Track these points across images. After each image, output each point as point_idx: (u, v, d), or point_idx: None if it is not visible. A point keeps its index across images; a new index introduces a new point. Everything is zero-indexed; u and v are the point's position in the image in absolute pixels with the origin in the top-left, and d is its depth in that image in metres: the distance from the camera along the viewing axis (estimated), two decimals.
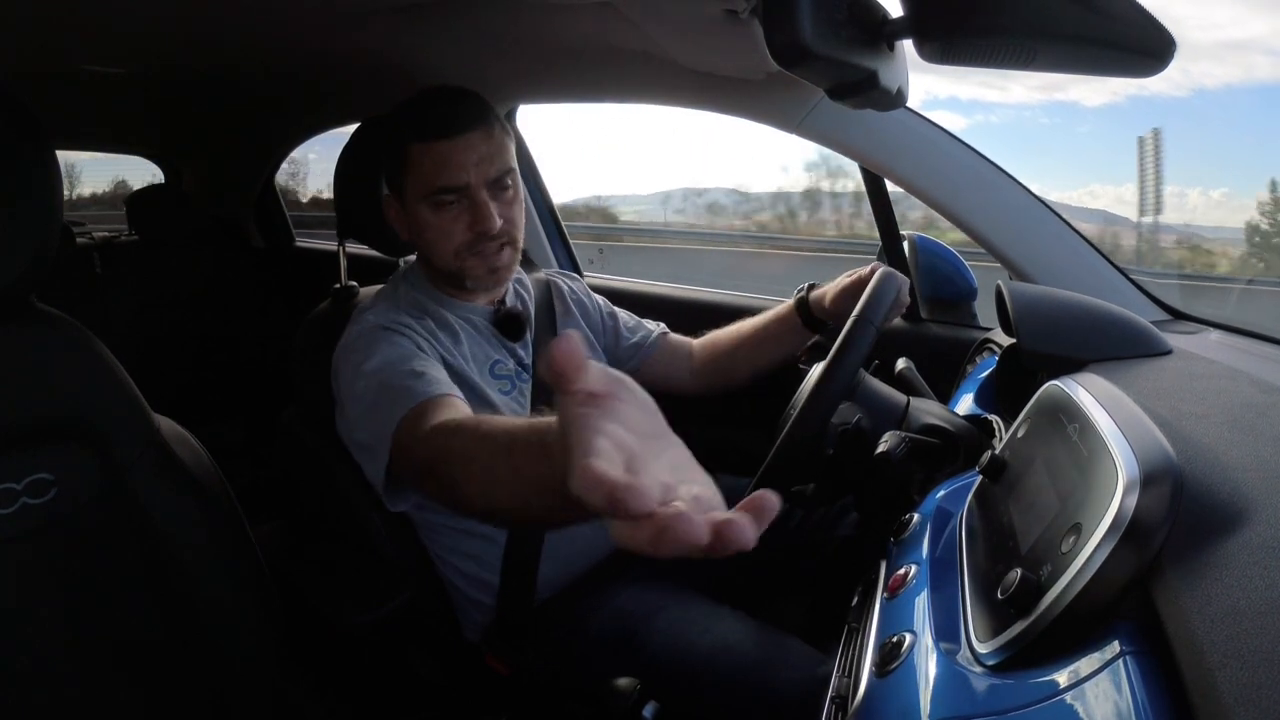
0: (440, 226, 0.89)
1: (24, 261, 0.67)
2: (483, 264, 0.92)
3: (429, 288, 0.97)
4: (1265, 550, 0.38)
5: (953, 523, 0.62)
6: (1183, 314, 1.08)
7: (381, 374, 0.81)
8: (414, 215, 0.91)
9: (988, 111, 6.91)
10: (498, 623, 0.95)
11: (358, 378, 0.82)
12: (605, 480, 0.27)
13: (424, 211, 0.89)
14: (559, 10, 0.97)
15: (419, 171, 0.88)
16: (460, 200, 0.88)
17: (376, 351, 0.84)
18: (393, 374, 0.80)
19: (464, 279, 0.93)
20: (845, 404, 0.78)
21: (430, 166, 0.87)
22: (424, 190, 0.88)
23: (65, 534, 0.71)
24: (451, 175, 0.87)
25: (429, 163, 0.87)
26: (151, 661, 0.74)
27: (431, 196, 0.88)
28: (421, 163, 0.87)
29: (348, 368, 0.85)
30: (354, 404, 0.82)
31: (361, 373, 0.82)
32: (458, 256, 0.91)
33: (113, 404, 0.75)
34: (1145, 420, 0.51)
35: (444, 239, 0.90)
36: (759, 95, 1.13)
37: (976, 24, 0.55)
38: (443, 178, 0.87)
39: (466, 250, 0.90)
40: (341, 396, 0.86)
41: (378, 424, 0.76)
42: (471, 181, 0.88)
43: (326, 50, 1.24)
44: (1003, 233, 1.10)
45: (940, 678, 0.46)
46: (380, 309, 0.90)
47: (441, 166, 0.87)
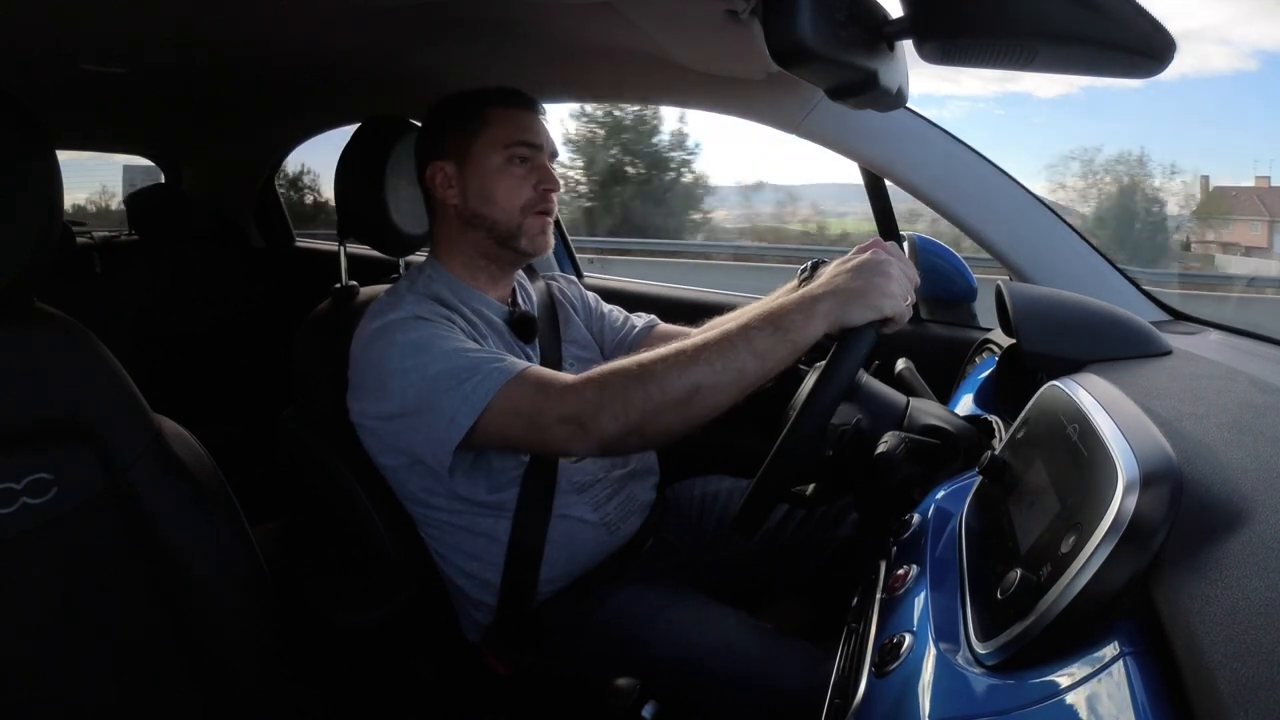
0: (511, 181, 0.95)
1: (24, 261, 0.67)
2: (538, 224, 0.97)
3: (450, 280, 0.98)
4: (1265, 550, 0.38)
5: (953, 523, 0.62)
6: (1183, 314, 1.08)
7: (449, 355, 0.84)
8: (482, 171, 0.95)
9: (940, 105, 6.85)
10: (498, 623, 0.95)
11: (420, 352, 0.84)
12: None
13: (497, 164, 0.95)
14: (559, 11, 0.97)
15: (500, 127, 0.95)
16: (530, 162, 0.96)
17: (427, 336, 0.86)
18: (461, 356, 0.84)
19: (520, 237, 0.97)
20: (845, 404, 0.78)
21: (513, 124, 0.96)
22: (504, 141, 0.95)
23: (65, 534, 0.71)
24: (531, 135, 0.96)
25: (512, 122, 0.96)
26: (151, 661, 0.74)
27: (511, 148, 0.95)
28: (504, 121, 0.96)
29: (391, 350, 0.86)
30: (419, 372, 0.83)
31: (420, 354, 0.84)
32: (522, 212, 0.96)
33: (113, 404, 0.75)
34: (1145, 420, 0.51)
35: (513, 193, 0.95)
36: (759, 95, 1.13)
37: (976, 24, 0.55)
38: (523, 134, 0.96)
39: (530, 207, 0.96)
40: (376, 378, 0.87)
41: (459, 396, 0.81)
42: (544, 145, 0.97)
43: (326, 50, 1.24)
44: (1003, 233, 1.11)
45: (940, 678, 0.46)
46: (410, 301, 0.92)
47: (523, 127, 0.96)
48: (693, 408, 0.74)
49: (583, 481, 0.97)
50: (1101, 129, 32.47)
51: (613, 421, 0.75)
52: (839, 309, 0.71)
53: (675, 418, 0.75)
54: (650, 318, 1.19)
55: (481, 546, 0.94)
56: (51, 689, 0.70)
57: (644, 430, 0.76)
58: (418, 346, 0.85)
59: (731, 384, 0.73)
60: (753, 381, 0.74)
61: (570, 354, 1.07)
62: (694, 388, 0.73)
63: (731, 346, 0.73)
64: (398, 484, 0.94)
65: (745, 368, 0.73)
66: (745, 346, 0.73)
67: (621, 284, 1.72)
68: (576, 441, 0.78)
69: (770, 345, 0.72)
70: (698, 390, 0.73)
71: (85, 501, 0.72)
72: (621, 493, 1.00)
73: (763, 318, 0.74)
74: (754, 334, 0.73)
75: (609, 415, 0.75)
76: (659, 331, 1.16)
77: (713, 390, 0.73)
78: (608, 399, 0.76)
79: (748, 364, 0.73)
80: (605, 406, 0.75)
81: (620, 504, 1.00)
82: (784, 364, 0.74)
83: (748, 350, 0.73)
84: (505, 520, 0.92)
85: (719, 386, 0.73)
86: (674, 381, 0.74)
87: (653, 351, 0.77)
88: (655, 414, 0.74)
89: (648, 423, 0.75)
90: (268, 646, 0.81)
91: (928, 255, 1.24)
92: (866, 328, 0.73)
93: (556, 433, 0.78)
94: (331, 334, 1.01)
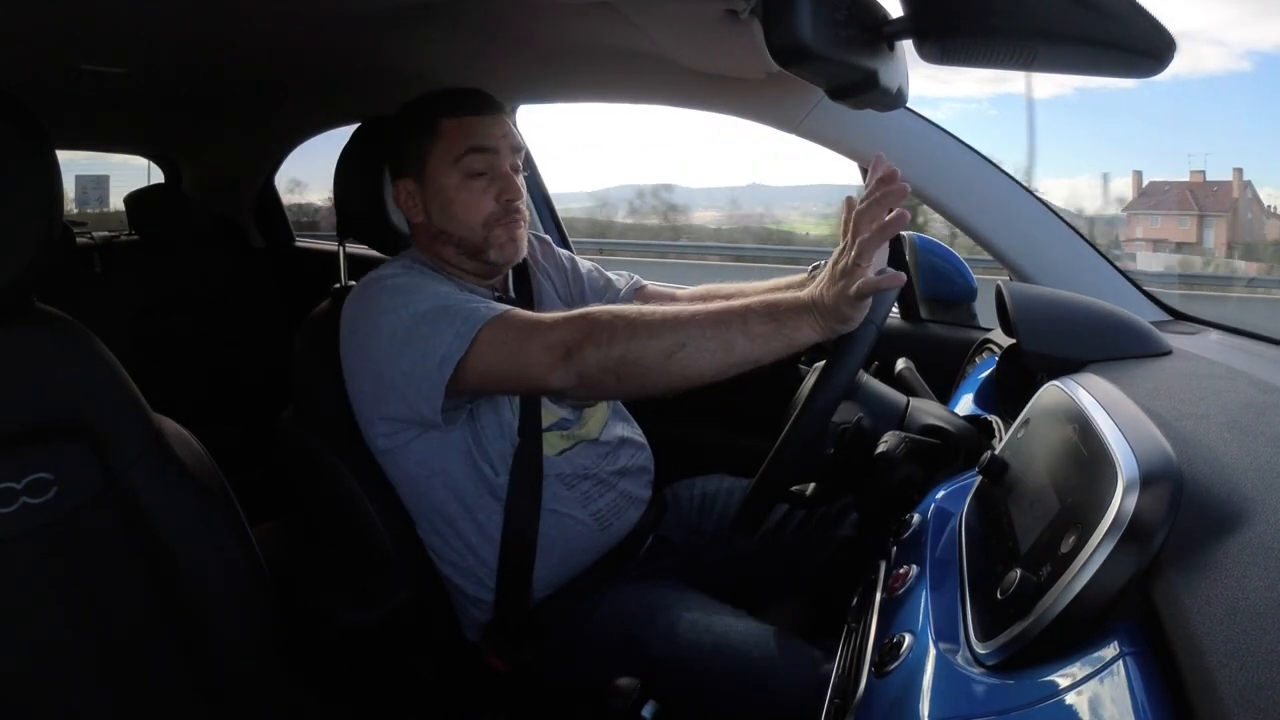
0: (469, 198, 0.92)
1: (24, 261, 0.67)
2: (506, 233, 0.94)
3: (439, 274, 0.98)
4: (1265, 550, 0.38)
5: (953, 523, 0.62)
6: (1183, 314, 1.08)
7: (437, 295, 0.85)
8: (439, 189, 0.93)
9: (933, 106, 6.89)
10: (496, 620, 0.95)
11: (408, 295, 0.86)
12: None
13: (453, 181, 0.92)
14: (559, 11, 0.97)
15: (451, 140, 0.92)
16: (488, 173, 0.93)
17: (416, 281, 0.87)
18: (449, 298, 0.85)
19: (488, 250, 0.95)
20: (846, 403, 0.78)
21: (463, 134, 0.92)
22: (456, 153, 0.91)
23: (65, 534, 0.71)
24: (484, 139, 0.92)
25: (462, 132, 0.92)
26: (151, 661, 0.74)
27: (463, 159, 0.91)
28: (454, 132, 0.92)
29: (381, 294, 0.87)
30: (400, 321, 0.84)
31: (408, 295, 0.86)
32: (485, 226, 0.93)
33: (113, 404, 0.75)
34: (1145, 420, 0.51)
35: (472, 210, 0.93)
36: (759, 95, 1.13)
37: (977, 24, 0.55)
38: (475, 141, 0.91)
39: (494, 220, 0.93)
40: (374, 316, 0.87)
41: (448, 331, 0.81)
42: (500, 149, 0.93)
43: (326, 50, 1.24)
44: (1003, 233, 1.10)
45: (940, 678, 0.46)
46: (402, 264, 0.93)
47: (473, 134, 0.92)
48: (673, 363, 0.74)
49: (570, 474, 0.96)
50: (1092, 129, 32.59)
51: (594, 354, 0.76)
52: (827, 326, 0.73)
53: (654, 367, 0.75)
54: (634, 277, 1.16)
55: (476, 543, 0.94)
56: (51, 688, 0.70)
57: (622, 370, 0.76)
58: (404, 290, 0.87)
59: (717, 353, 0.74)
60: (739, 361, 0.74)
61: None
62: (679, 344, 0.74)
63: (727, 321, 0.74)
64: (392, 465, 0.94)
65: (735, 344, 0.74)
66: (741, 326, 0.74)
67: None
68: (557, 370, 0.78)
69: (765, 332, 0.73)
70: (682, 347, 0.74)
71: (85, 501, 0.72)
72: (613, 489, 1.00)
73: (765, 304, 0.75)
74: (752, 317, 0.74)
75: (593, 347, 0.76)
76: (647, 293, 1.14)
77: (697, 352, 0.74)
78: (595, 331, 0.76)
79: (738, 341, 0.74)
80: (591, 337, 0.76)
81: (612, 501, 0.99)
82: (775, 355, 0.74)
83: (742, 330, 0.74)
84: (497, 514, 0.92)
85: (704, 351, 0.74)
86: (662, 332, 0.75)
87: (650, 306, 0.79)
88: (637, 357, 0.75)
89: (628, 364, 0.75)
90: (268, 646, 0.80)
91: (928, 255, 1.24)
92: (867, 325, 0.73)
93: (540, 361, 0.79)
94: (331, 334, 1.01)
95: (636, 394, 0.82)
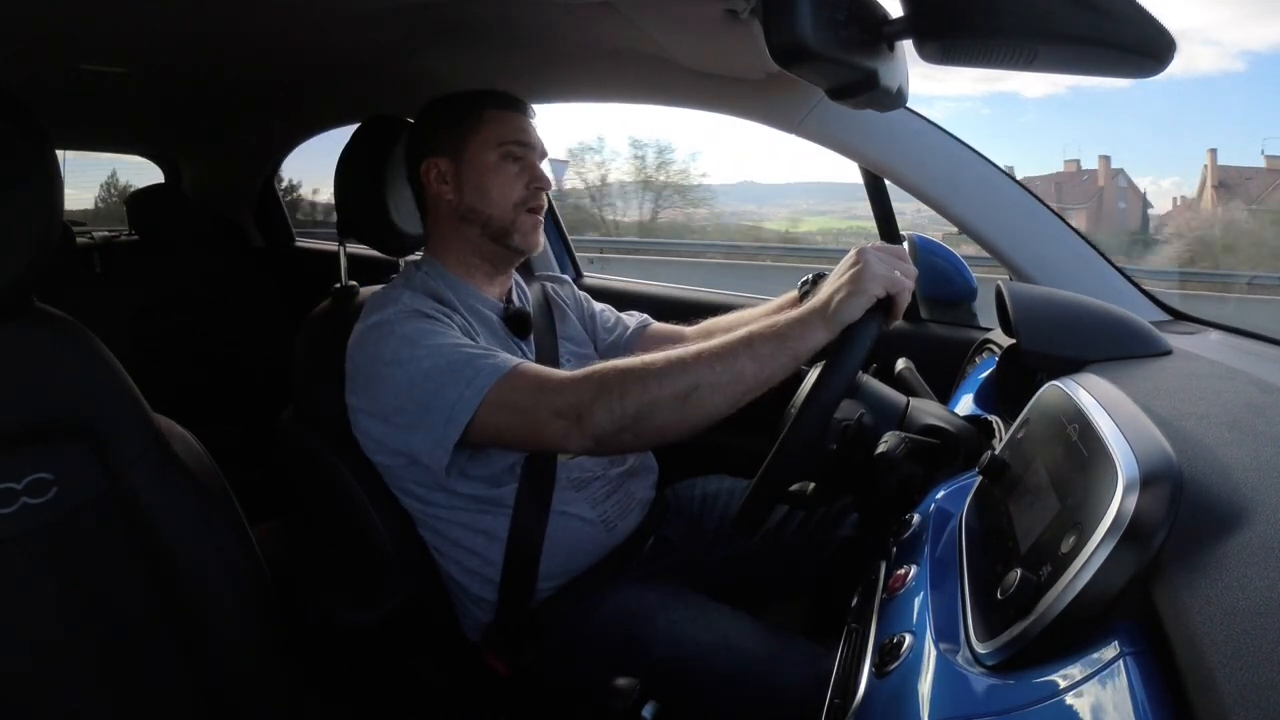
0: (504, 179, 0.98)
1: (24, 261, 0.67)
2: (530, 221, 1.00)
3: (447, 276, 0.99)
4: (1265, 550, 0.38)
5: (953, 523, 0.62)
6: (1183, 314, 1.08)
7: (443, 350, 0.85)
8: (477, 166, 0.97)
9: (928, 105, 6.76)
10: (498, 621, 0.95)
11: (414, 347, 0.85)
12: None
13: (492, 160, 0.97)
14: (559, 11, 0.97)
15: (495, 127, 0.98)
16: (523, 161, 0.99)
17: (422, 330, 0.87)
18: (456, 352, 0.85)
19: (513, 234, 0.99)
20: (848, 400, 0.78)
21: (507, 125, 0.99)
22: (499, 139, 0.97)
23: (65, 534, 0.71)
24: (525, 135, 0.99)
25: (506, 122, 0.98)
26: (151, 661, 0.74)
27: (505, 145, 0.97)
28: (499, 122, 0.98)
29: (386, 343, 0.87)
30: (413, 366, 0.84)
31: (415, 347, 0.85)
32: (515, 209, 0.98)
33: (113, 404, 0.75)
34: (1145, 420, 0.51)
35: (507, 189, 0.98)
36: (759, 95, 1.13)
37: (977, 24, 0.55)
38: (518, 134, 0.99)
39: (522, 205, 0.99)
40: (371, 372, 0.88)
41: (454, 392, 0.82)
42: (536, 146, 1.00)
43: (327, 50, 1.24)
44: (1003, 233, 1.10)
45: (940, 678, 0.46)
46: (407, 296, 0.92)
47: (517, 128, 0.99)
48: (689, 407, 0.75)
49: (581, 478, 0.98)
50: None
51: (608, 415, 0.75)
52: (835, 310, 0.73)
53: (671, 415, 0.75)
54: (643, 317, 1.19)
55: (481, 543, 0.94)
56: (51, 688, 0.70)
57: (639, 426, 0.76)
58: (412, 340, 0.86)
59: (729, 386, 0.74)
60: (750, 387, 0.75)
61: (566, 350, 1.07)
62: (692, 386, 0.74)
63: (732, 351, 0.75)
64: (396, 482, 0.94)
65: (744, 371, 0.74)
66: (746, 351, 0.74)
67: (619, 284, 1.72)
68: (572, 435, 0.78)
69: (771, 351, 0.74)
70: (695, 389, 0.74)
71: (85, 501, 0.72)
72: (619, 490, 1.01)
73: (765, 325, 0.76)
74: (756, 339, 0.75)
75: (604, 408, 0.75)
76: (652, 332, 1.16)
77: (710, 390, 0.74)
78: (604, 391, 0.76)
79: (746, 367, 0.74)
80: (601, 398, 0.76)
81: (618, 501, 1.00)
82: (784, 372, 0.75)
83: (748, 355, 0.74)
84: (504, 517, 0.92)
85: (716, 387, 0.74)
86: (673, 378, 0.75)
87: (652, 354, 0.78)
88: (651, 409, 0.75)
89: (643, 418, 0.75)
90: (268, 646, 0.80)
91: (928, 255, 1.24)
92: (868, 321, 0.73)
93: (552, 427, 0.79)
94: (331, 334, 1.01)
95: (656, 444, 0.80)
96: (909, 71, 0.77)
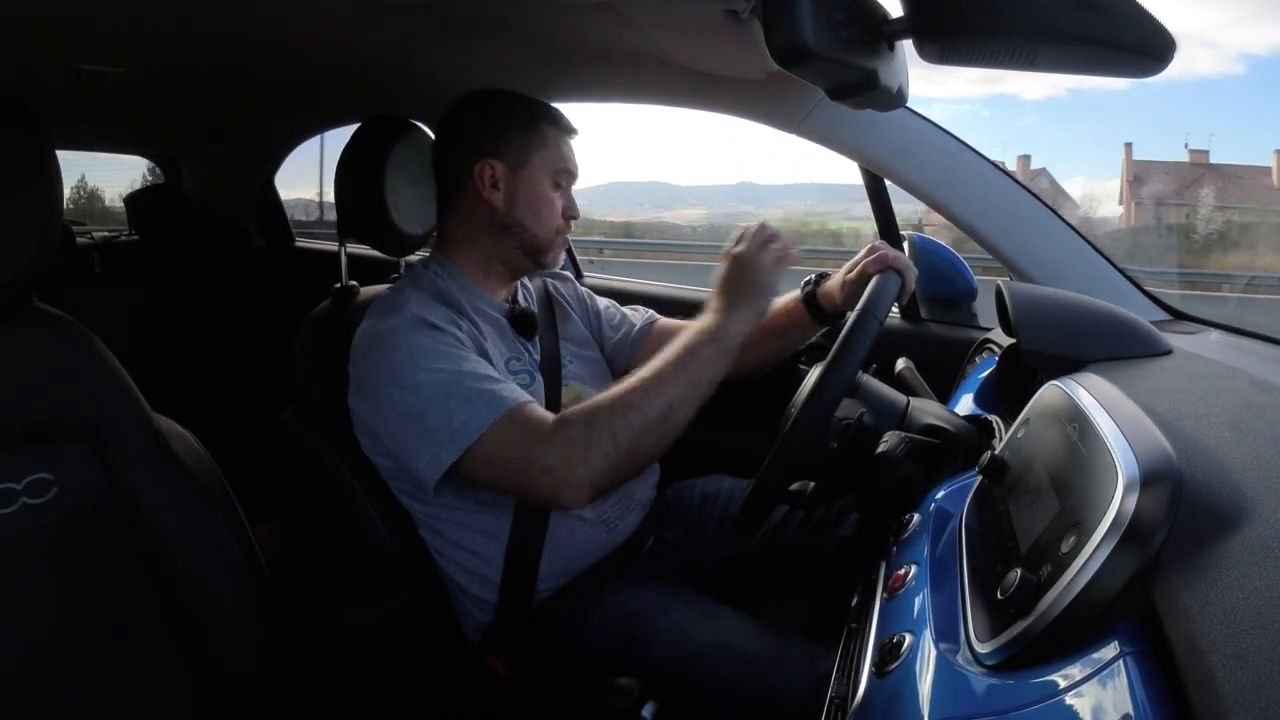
0: (552, 205, 1.00)
1: (24, 261, 0.67)
2: (560, 245, 1.03)
3: (459, 278, 0.99)
4: (1265, 550, 0.38)
5: (953, 523, 0.62)
6: (1183, 314, 1.08)
7: (448, 372, 0.85)
8: (533, 186, 0.98)
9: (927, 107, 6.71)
10: (498, 622, 0.95)
11: (416, 369, 0.85)
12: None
13: (546, 185, 0.99)
14: (559, 11, 0.97)
15: (553, 150, 0.99)
16: (564, 190, 1.02)
17: (425, 349, 0.87)
18: (462, 375, 0.85)
19: (548, 253, 1.02)
20: (848, 400, 0.78)
21: (563, 150, 1.00)
22: (554, 166, 0.99)
23: (65, 534, 0.71)
24: (573, 165, 1.01)
25: (563, 148, 1.00)
26: (151, 661, 0.74)
27: (557, 175, 0.99)
28: (557, 145, 0.99)
29: (390, 355, 0.87)
30: (412, 392, 0.85)
31: (420, 366, 0.85)
32: (557, 232, 1.01)
33: (113, 404, 0.75)
34: (1145, 420, 0.51)
35: (552, 216, 1.00)
36: (759, 95, 1.13)
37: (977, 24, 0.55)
38: (569, 163, 1.01)
39: (559, 231, 1.02)
40: (381, 382, 0.87)
41: (455, 418, 0.83)
42: (575, 176, 1.02)
43: (327, 50, 1.23)
44: (1003, 233, 1.11)
45: (940, 678, 0.46)
46: (415, 302, 0.92)
47: (569, 156, 1.01)
48: (668, 424, 0.82)
49: None
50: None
51: (602, 460, 0.80)
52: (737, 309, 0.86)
53: (655, 437, 0.82)
54: (648, 313, 1.19)
55: (481, 544, 0.94)
56: (51, 689, 0.70)
57: (632, 455, 0.82)
58: (413, 360, 0.85)
59: (694, 395, 0.83)
60: (706, 390, 0.84)
61: (569, 351, 1.07)
62: (668, 405, 0.81)
63: (683, 363, 0.83)
64: (396, 482, 0.94)
65: (700, 378, 0.83)
66: (693, 360, 0.83)
67: (621, 284, 1.72)
68: (561, 492, 0.81)
69: (712, 354, 0.84)
70: (671, 407, 0.82)
71: (85, 501, 0.72)
72: (619, 491, 1.00)
73: (697, 333, 0.86)
74: (696, 348, 0.84)
75: (598, 454, 0.80)
76: (659, 328, 1.16)
77: (681, 404, 0.82)
78: (594, 435, 0.80)
79: (701, 374, 0.83)
80: (593, 444, 0.80)
81: (618, 502, 1.00)
82: (725, 368, 0.85)
83: (696, 363, 0.83)
84: (505, 518, 0.92)
85: (685, 400, 0.82)
86: (652, 403, 0.81)
87: (620, 384, 0.84)
88: (640, 437, 0.81)
89: (634, 447, 0.81)
90: (268, 646, 0.80)
91: (928, 255, 1.24)
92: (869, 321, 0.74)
93: (542, 483, 0.81)
94: (331, 334, 1.01)
95: (645, 467, 0.88)
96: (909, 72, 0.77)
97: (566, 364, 1.04)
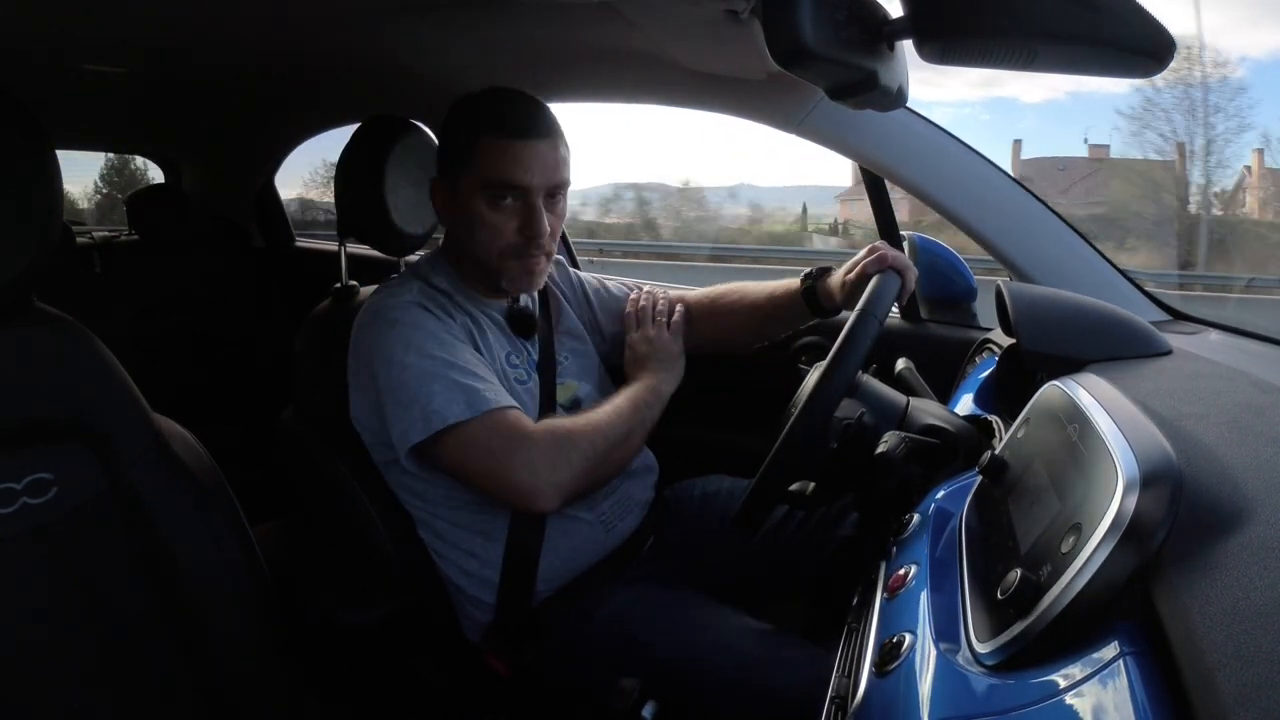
0: (492, 223, 0.91)
1: (24, 261, 0.67)
2: (521, 266, 0.94)
3: (456, 280, 0.99)
4: (1265, 550, 0.38)
5: (953, 523, 0.62)
6: (1183, 314, 1.08)
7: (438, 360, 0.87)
8: (467, 206, 0.91)
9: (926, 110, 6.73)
10: (498, 622, 0.95)
11: (408, 350, 0.87)
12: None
13: (479, 204, 0.90)
14: (559, 11, 0.97)
15: (485, 163, 0.89)
16: (515, 201, 0.91)
17: (424, 334, 0.88)
18: (451, 365, 0.87)
19: (500, 278, 0.95)
20: (848, 399, 0.78)
21: (499, 162, 0.89)
22: (485, 183, 0.90)
23: (65, 534, 0.71)
24: (517, 175, 0.89)
25: (498, 158, 0.88)
26: (151, 660, 0.74)
27: (491, 190, 0.90)
28: (491, 156, 0.89)
29: (385, 339, 0.89)
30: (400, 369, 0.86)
31: (413, 347, 0.87)
32: (501, 256, 0.92)
33: (113, 404, 0.75)
34: (1145, 420, 0.51)
35: (493, 236, 0.91)
36: (759, 95, 1.13)
37: (977, 24, 0.55)
38: (508, 174, 0.89)
39: (511, 252, 0.92)
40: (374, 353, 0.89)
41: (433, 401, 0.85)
42: (533, 185, 0.90)
43: (327, 50, 1.24)
44: (1003, 233, 1.10)
45: (940, 678, 0.46)
46: (415, 289, 0.93)
47: (510, 164, 0.88)
48: (625, 449, 0.95)
49: None
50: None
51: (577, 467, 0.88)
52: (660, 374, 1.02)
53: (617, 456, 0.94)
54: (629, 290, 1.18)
55: (480, 544, 0.94)
56: (51, 688, 0.70)
57: (598, 469, 0.91)
58: (408, 341, 0.87)
59: (642, 430, 0.97)
60: (650, 428, 0.98)
61: (565, 345, 1.07)
62: (627, 433, 0.93)
63: (635, 405, 0.96)
64: (396, 482, 0.94)
65: (646, 418, 0.97)
66: (642, 404, 0.97)
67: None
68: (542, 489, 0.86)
69: (653, 401, 0.98)
70: (629, 435, 0.94)
71: (85, 501, 0.72)
72: (618, 491, 1.00)
73: (640, 388, 0.99)
74: (639, 397, 0.97)
75: (575, 461, 0.88)
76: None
77: (633, 435, 0.95)
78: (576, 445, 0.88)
79: (646, 415, 0.97)
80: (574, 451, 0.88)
81: (616, 502, 1.00)
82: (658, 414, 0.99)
83: (644, 406, 0.97)
84: (503, 518, 0.92)
85: (635, 431, 0.95)
86: (616, 429, 0.92)
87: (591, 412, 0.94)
88: (606, 455, 0.91)
89: (602, 462, 0.91)
90: (268, 646, 0.80)
91: (928, 255, 1.24)
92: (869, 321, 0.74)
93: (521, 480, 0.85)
94: (331, 334, 1.01)
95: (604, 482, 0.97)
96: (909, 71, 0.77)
97: (562, 361, 1.04)
